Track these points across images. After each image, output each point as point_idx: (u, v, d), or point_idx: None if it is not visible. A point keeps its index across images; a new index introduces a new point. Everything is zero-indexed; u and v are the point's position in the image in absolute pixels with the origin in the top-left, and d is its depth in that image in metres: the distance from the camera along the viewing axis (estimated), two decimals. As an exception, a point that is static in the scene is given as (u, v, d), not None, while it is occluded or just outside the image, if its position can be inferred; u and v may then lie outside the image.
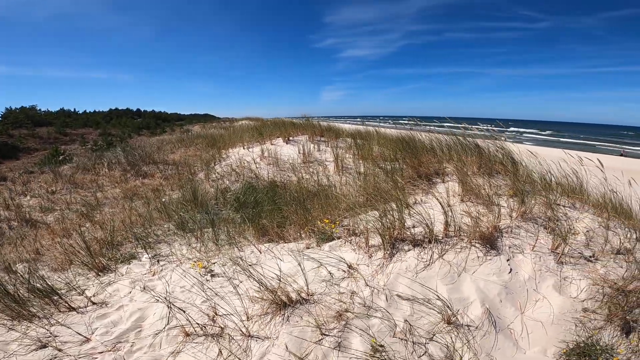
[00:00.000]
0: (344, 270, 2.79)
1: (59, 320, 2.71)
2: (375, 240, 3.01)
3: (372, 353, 2.10)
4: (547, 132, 60.61)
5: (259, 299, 2.56)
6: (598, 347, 2.16)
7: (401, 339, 2.22)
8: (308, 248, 3.29)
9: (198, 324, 2.43)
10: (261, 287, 2.53)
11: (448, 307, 2.36)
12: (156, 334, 2.49)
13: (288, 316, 2.40)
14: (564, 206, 3.22)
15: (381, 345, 2.17)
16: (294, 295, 2.52)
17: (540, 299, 2.52)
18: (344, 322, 2.31)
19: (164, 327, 2.52)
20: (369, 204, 3.75)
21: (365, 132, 8.21)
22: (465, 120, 4.88)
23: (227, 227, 3.96)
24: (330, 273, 2.79)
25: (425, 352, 2.16)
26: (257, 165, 6.81)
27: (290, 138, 8.08)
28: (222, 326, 2.43)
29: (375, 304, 2.45)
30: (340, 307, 2.43)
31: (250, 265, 2.97)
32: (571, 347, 2.19)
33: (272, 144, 7.87)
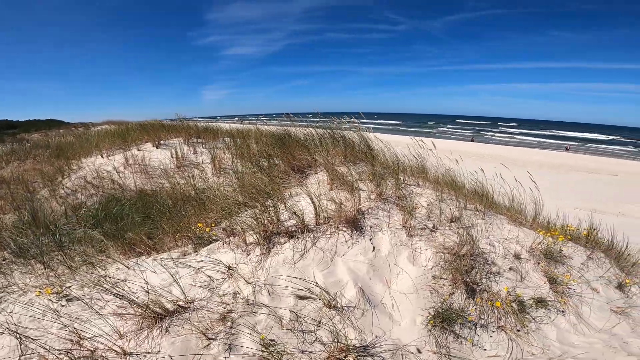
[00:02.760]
0: (223, 272, 2.71)
1: None
2: (253, 237, 3.00)
3: (264, 349, 2.09)
4: (399, 122, 72.38)
5: (131, 316, 2.32)
6: (453, 312, 2.58)
7: (290, 330, 2.26)
8: (184, 255, 3.10)
9: (59, 350, 2.05)
10: (131, 303, 2.30)
11: (326, 292, 2.48)
12: (11, 365, 2.01)
13: (167, 327, 2.23)
14: (410, 185, 3.73)
15: (272, 340, 2.18)
16: (169, 306, 2.35)
17: (400, 271, 2.87)
18: (229, 324, 2.25)
19: (19, 358, 2.07)
20: (247, 203, 3.71)
21: (246, 130, 8.04)
22: (337, 115, 5.23)
23: (84, 247, 3.40)
24: (210, 277, 2.69)
25: (316, 339, 2.23)
26: (121, 175, 6.00)
27: (162, 142, 7.36)
28: (92, 349, 2.12)
29: (259, 301, 2.44)
30: (223, 309, 2.37)
31: (117, 283, 2.63)
32: (432, 314, 2.54)
33: (139, 150, 7.03)
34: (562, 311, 2.87)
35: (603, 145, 41.96)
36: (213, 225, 3.46)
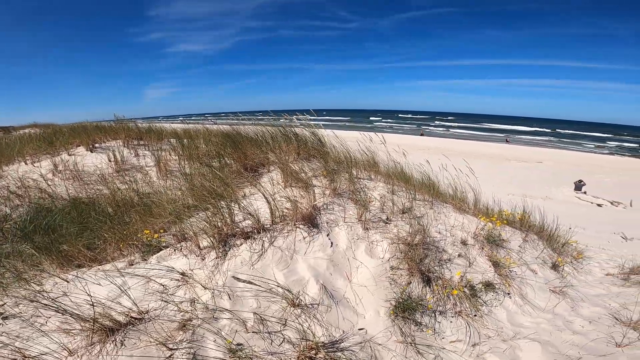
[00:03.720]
0: (178, 279, 2.58)
1: None
2: (207, 241, 2.88)
3: (232, 354, 2.03)
4: (348, 117, 75.14)
5: (78, 331, 2.14)
6: (412, 301, 2.67)
7: (256, 333, 2.21)
8: (131, 265, 2.91)
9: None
10: (76, 318, 2.11)
11: (288, 291, 2.45)
12: None
13: (121, 340, 2.08)
14: (363, 179, 3.82)
15: (239, 344, 2.12)
16: (121, 318, 2.19)
17: (359, 265, 2.92)
18: (191, 332, 2.15)
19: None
20: (198, 206, 3.55)
21: (193, 130, 7.66)
22: (289, 112, 5.18)
23: (14, 263, 3.04)
24: (163, 285, 2.54)
25: (284, 339, 2.20)
26: (50, 183, 5.40)
27: (97, 145, 6.75)
28: (41, 366, 1.90)
29: (220, 305, 2.36)
30: (182, 317, 2.26)
31: (57, 298, 2.38)
32: (394, 304, 2.62)
33: (69, 155, 6.36)
34: (508, 293, 3.12)
35: (529, 137, 46.64)
36: (162, 231, 3.28)
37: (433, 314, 2.70)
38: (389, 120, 72.81)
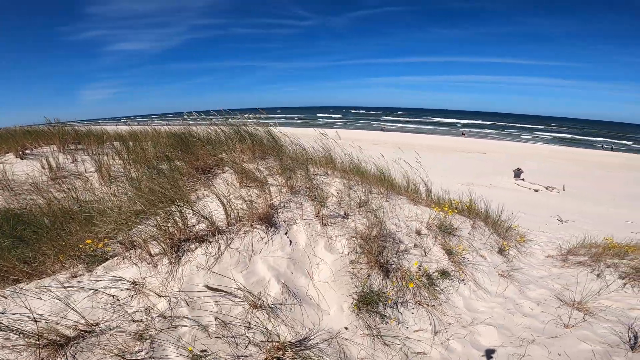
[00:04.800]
0: (129, 289, 2.44)
1: None
2: (158, 247, 2.74)
3: None
4: (303, 115, 76.18)
5: (23, 347, 1.97)
6: (374, 294, 2.71)
7: (219, 337, 2.14)
8: (75, 277, 2.71)
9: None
10: (19, 334, 1.96)
11: (249, 292, 2.40)
12: None
13: (73, 354, 1.97)
14: (319, 175, 3.82)
15: (202, 351, 2.05)
16: (69, 332, 2.05)
17: (319, 261, 2.91)
18: (149, 341, 2.05)
19: None
20: (147, 211, 3.34)
21: (140, 132, 7.18)
22: (243, 111, 5.05)
23: None
24: (113, 296, 2.39)
25: (249, 341, 2.14)
26: (-28, 195, 4.79)
27: (27, 151, 6.11)
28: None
29: (178, 312, 2.26)
30: (138, 327, 2.14)
31: None
32: (356, 298, 2.64)
33: (-5, 163, 5.70)
34: (462, 280, 3.28)
35: (475, 129, 49.87)
36: (106, 240, 3.05)
37: (395, 305, 2.77)
38: (343, 116, 74.40)
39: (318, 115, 76.94)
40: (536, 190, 14.79)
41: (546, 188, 15.13)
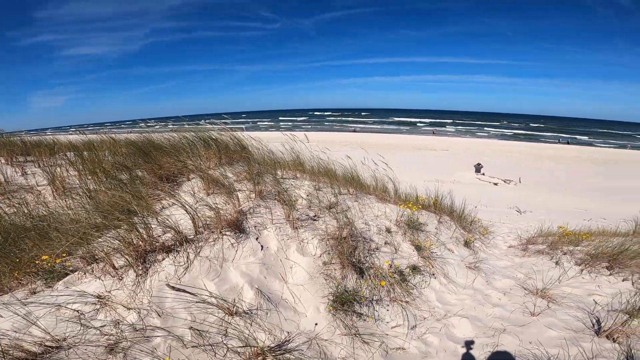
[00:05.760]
0: (94, 303, 2.35)
1: None
2: (123, 260, 2.63)
3: None
4: (270, 119, 76.18)
5: None
6: (349, 294, 2.72)
7: (196, 347, 2.09)
8: (34, 293, 2.59)
9: None
10: None
11: (223, 300, 2.35)
12: None
13: None
14: (288, 179, 3.80)
15: None
16: (35, 348, 1.97)
17: (292, 265, 2.89)
18: (122, 354, 1.98)
19: None
20: (108, 224, 3.17)
21: (96, 142, 6.79)
22: (209, 116, 4.93)
23: None
24: (78, 311, 2.29)
25: (227, 349, 2.11)
26: None
27: (-33, 165, 5.59)
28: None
29: (149, 324, 2.19)
30: (108, 340, 2.06)
31: None
32: (332, 299, 2.65)
33: None
34: (433, 274, 3.38)
35: (439, 128, 51.86)
36: (64, 255, 2.89)
37: (370, 303, 2.80)
38: (309, 119, 74.63)
39: (285, 118, 76.78)
40: (495, 184, 15.60)
41: (504, 181, 16.00)
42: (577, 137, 46.54)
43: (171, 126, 5.28)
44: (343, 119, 71.31)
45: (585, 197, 12.86)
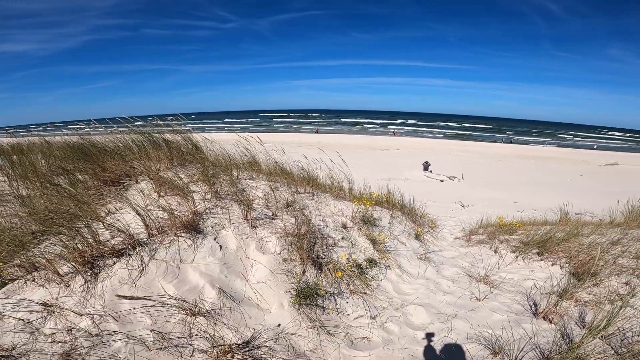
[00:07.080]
0: (41, 311, 2.19)
1: None
2: (68, 266, 2.48)
3: None
4: (224, 120, 74.45)
5: None
6: (310, 288, 2.76)
7: (161, 349, 2.04)
8: None
9: None
10: None
11: (184, 301, 2.32)
12: None
13: None
14: (245, 179, 3.78)
15: None
16: None
17: (253, 263, 2.89)
18: None
19: None
20: (47, 231, 2.94)
21: (26, 145, 6.17)
22: (158, 117, 4.70)
23: None
24: (23, 320, 2.13)
25: (194, 349, 2.08)
26: None
27: None
28: None
29: (106, 329, 2.10)
30: (62, 348, 1.97)
31: None
32: (294, 294, 2.68)
33: None
34: (388, 266, 3.55)
35: (392, 128, 53.96)
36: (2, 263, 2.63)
37: (332, 297, 2.89)
38: (265, 120, 74.03)
39: (236, 120, 75.30)
40: (441, 181, 16.62)
41: (449, 178, 17.10)
42: (514, 137, 51.08)
43: (115, 127, 4.96)
44: (295, 120, 71.63)
45: (519, 190, 14.16)
